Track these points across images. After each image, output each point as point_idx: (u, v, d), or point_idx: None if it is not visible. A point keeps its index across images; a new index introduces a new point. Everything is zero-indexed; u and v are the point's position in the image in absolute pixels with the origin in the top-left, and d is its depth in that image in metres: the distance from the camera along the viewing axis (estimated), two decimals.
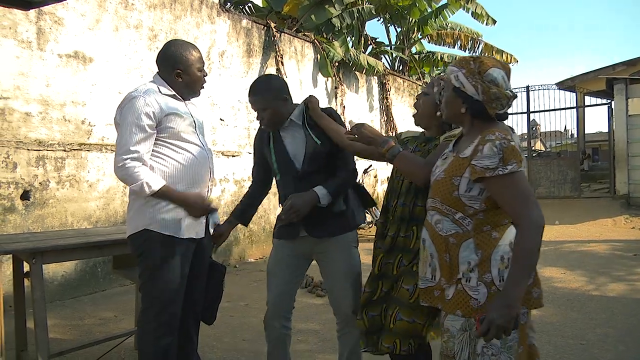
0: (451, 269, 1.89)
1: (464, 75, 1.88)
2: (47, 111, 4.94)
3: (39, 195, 4.87)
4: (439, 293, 1.95)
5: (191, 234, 2.47)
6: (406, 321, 2.15)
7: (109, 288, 5.47)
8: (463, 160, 1.86)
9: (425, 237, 2.00)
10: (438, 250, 1.93)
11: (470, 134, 1.92)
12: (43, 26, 4.90)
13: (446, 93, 1.96)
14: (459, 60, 1.95)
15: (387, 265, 2.33)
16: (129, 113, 2.34)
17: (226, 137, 7.03)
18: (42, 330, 2.78)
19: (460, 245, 1.87)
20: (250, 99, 2.62)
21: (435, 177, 1.97)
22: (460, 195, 1.86)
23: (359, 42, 12.98)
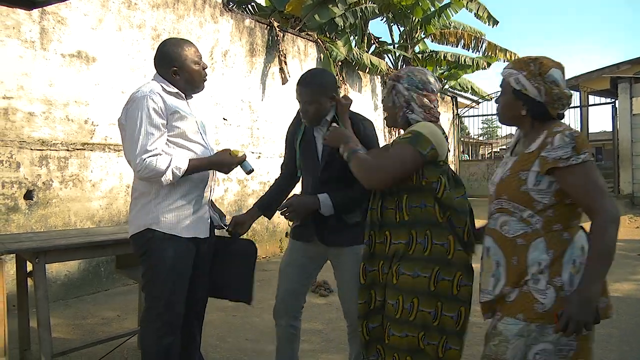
0: (519, 273, 1.79)
1: (525, 78, 1.85)
2: (50, 111, 4.95)
3: (42, 194, 4.88)
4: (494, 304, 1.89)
5: (195, 233, 2.46)
6: (398, 336, 2.07)
7: (112, 287, 5.47)
8: (529, 154, 1.82)
9: (489, 245, 1.91)
10: (505, 254, 1.84)
11: (530, 135, 1.89)
12: (46, 26, 4.91)
13: (504, 96, 1.93)
14: (517, 63, 1.91)
15: (371, 273, 2.24)
16: (137, 112, 2.31)
17: (229, 136, 7.03)
18: (45, 330, 2.79)
19: (530, 246, 1.79)
20: (298, 89, 2.54)
21: (498, 179, 1.93)
22: (529, 190, 1.79)
23: (362, 42, 12.96)
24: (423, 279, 2.05)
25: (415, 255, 2.08)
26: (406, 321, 2.05)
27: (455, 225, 2.10)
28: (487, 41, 14.25)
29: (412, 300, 2.05)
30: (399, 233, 2.14)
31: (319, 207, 2.49)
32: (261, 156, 7.62)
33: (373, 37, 14.49)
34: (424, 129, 2.12)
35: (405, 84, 2.22)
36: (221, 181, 6.83)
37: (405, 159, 2.08)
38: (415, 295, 2.05)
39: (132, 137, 2.31)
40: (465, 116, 17.38)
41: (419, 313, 2.04)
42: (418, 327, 2.05)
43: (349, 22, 10.35)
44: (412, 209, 2.12)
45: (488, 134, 45.12)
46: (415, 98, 2.21)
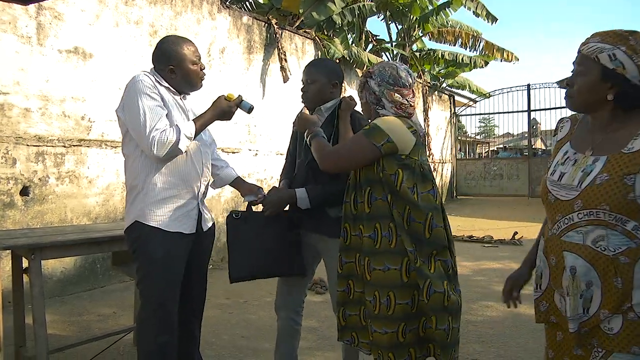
0: (622, 296, 1.48)
1: (624, 54, 1.49)
2: (46, 107, 4.93)
3: (38, 191, 4.86)
4: (588, 332, 1.55)
5: (180, 228, 2.42)
6: (379, 333, 2.07)
7: (108, 284, 5.47)
8: (632, 154, 1.48)
9: (574, 265, 1.54)
10: (603, 275, 1.50)
11: (612, 125, 1.58)
12: (43, 21, 4.89)
13: (587, 76, 1.56)
14: (608, 35, 1.54)
15: (347, 264, 2.24)
16: (136, 96, 2.30)
17: (226, 133, 7.02)
18: (41, 326, 2.78)
19: (636, 264, 1.48)
20: (305, 69, 2.68)
21: (586, 183, 1.54)
22: (637, 198, 1.46)
23: (359, 39, 12.96)
24: (394, 271, 2.05)
25: (382, 249, 2.08)
26: (385, 316, 2.05)
27: (415, 219, 2.07)
28: (485, 40, 14.28)
29: (388, 294, 2.04)
30: (368, 226, 2.13)
31: (296, 200, 2.54)
32: (258, 153, 7.61)
33: (371, 35, 14.51)
34: (382, 122, 2.12)
35: (377, 80, 2.22)
36: None
37: (356, 148, 2.13)
38: (390, 289, 2.04)
39: (137, 122, 2.28)
40: (462, 115, 17.40)
41: (397, 306, 2.03)
42: (398, 320, 2.04)
43: (347, 20, 10.36)
44: (375, 201, 2.12)
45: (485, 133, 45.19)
46: (386, 94, 2.20)
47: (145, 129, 2.26)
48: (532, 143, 16.22)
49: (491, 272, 6.21)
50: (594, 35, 1.59)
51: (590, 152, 1.59)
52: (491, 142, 35.86)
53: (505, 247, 8.12)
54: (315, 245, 2.67)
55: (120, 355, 3.50)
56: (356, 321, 2.24)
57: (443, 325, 2.04)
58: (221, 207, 6.85)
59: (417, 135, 2.17)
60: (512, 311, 4.40)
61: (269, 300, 4.70)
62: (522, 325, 4.10)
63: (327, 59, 2.82)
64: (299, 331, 2.80)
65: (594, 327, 1.53)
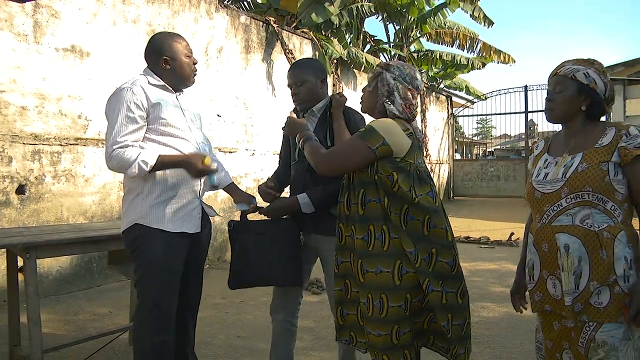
0: (607, 268, 1.76)
1: (595, 72, 1.89)
2: (43, 105, 4.92)
3: (34, 189, 4.85)
4: (581, 307, 1.79)
5: (183, 228, 2.44)
6: (373, 335, 2.08)
7: (104, 283, 5.46)
8: (605, 147, 1.84)
9: (567, 243, 1.82)
10: (590, 249, 1.78)
11: (582, 132, 1.93)
12: (40, 19, 4.88)
13: (565, 92, 1.92)
14: (578, 61, 1.95)
15: (343, 264, 2.25)
16: (116, 105, 2.34)
17: (223, 133, 7.01)
18: (36, 326, 2.77)
19: (615, 239, 1.78)
20: (290, 72, 2.64)
21: (570, 174, 1.87)
22: (611, 180, 1.81)
23: (357, 40, 12.96)
24: (386, 274, 2.04)
25: (375, 251, 2.07)
26: (378, 319, 2.05)
27: (414, 217, 2.07)
28: (482, 42, 14.30)
29: (381, 297, 2.04)
30: (361, 228, 2.13)
31: (299, 207, 2.53)
32: (255, 153, 7.61)
33: (369, 36, 14.51)
34: (378, 125, 2.11)
35: (395, 74, 2.21)
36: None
37: (351, 151, 2.11)
38: (383, 291, 2.04)
39: (108, 128, 2.35)
40: (460, 116, 17.42)
41: (390, 309, 2.03)
42: (391, 322, 2.04)
43: (345, 21, 10.36)
44: (369, 203, 2.11)
45: (483, 134, 45.27)
46: (400, 89, 2.19)
47: (110, 137, 2.31)
48: (529, 144, 16.24)
49: (487, 273, 6.21)
50: (566, 62, 1.98)
51: (567, 153, 1.94)
52: (488, 144, 35.91)
53: (501, 248, 8.13)
54: (315, 245, 2.65)
55: (115, 355, 3.49)
56: (354, 320, 2.24)
57: (443, 322, 2.05)
58: (218, 207, 6.83)
59: (414, 138, 2.16)
60: (508, 312, 4.43)
61: (265, 300, 4.69)
62: (518, 326, 4.10)
63: (309, 58, 2.81)
64: (295, 332, 2.79)
65: (586, 303, 1.78)
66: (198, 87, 2.69)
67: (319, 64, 2.73)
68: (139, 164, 2.28)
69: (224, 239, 6.92)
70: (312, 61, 2.74)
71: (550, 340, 1.94)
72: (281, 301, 2.71)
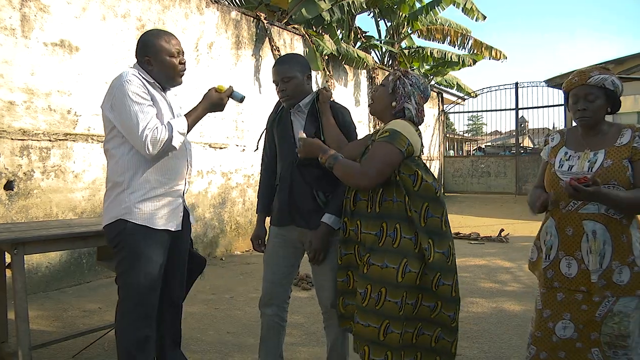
0: (627, 249, 2.10)
1: (617, 79, 2.19)
2: (31, 100, 4.88)
3: (23, 185, 4.81)
4: (604, 283, 2.11)
5: (167, 225, 2.45)
6: (361, 324, 2.15)
7: (94, 280, 5.44)
8: (623, 147, 2.15)
9: (594, 229, 2.12)
10: (614, 234, 2.11)
11: (599, 131, 2.24)
12: (27, 13, 4.83)
13: (598, 100, 2.19)
14: (600, 69, 2.23)
15: (347, 256, 2.36)
16: (125, 97, 2.30)
17: (213, 129, 6.99)
18: (23, 322, 2.76)
19: (631, 225, 2.13)
20: (275, 68, 2.66)
21: (597, 168, 2.15)
22: (630, 175, 2.11)
23: (348, 36, 12.95)
24: (391, 270, 2.12)
25: (385, 247, 2.16)
26: (372, 310, 2.12)
27: (433, 214, 2.20)
28: (473, 38, 14.31)
29: (380, 290, 2.12)
30: (368, 224, 2.24)
31: (332, 228, 2.53)
32: (246, 149, 7.59)
33: (360, 32, 14.49)
34: (399, 127, 2.21)
35: (412, 80, 2.33)
36: (205, 174, 6.79)
37: (387, 158, 2.16)
38: (384, 285, 2.12)
39: (129, 122, 2.29)
40: (451, 112, 17.47)
41: (387, 303, 2.11)
42: (383, 317, 2.11)
43: (336, 17, 10.33)
44: (385, 202, 2.21)
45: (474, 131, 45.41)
46: (416, 95, 2.32)
47: (137, 128, 2.27)
48: (519, 141, 16.32)
49: (477, 269, 6.24)
50: (590, 71, 2.21)
51: (589, 150, 2.22)
52: (479, 140, 36.04)
53: (491, 244, 8.18)
54: (301, 239, 2.68)
55: (104, 351, 3.48)
56: (354, 310, 2.30)
57: (450, 312, 2.19)
58: (208, 203, 6.82)
59: (421, 137, 2.33)
60: (497, 307, 4.46)
61: (254, 296, 4.70)
62: (507, 322, 4.13)
63: (294, 54, 2.82)
64: (284, 327, 2.81)
65: (609, 280, 2.10)
66: (188, 83, 2.68)
67: (304, 60, 2.75)
68: (178, 134, 2.34)
69: (214, 234, 6.91)
70: (298, 57, 2.75)
71: (550, 309, 2.25)
72: (270, 295, 2.73)
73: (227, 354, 3.52)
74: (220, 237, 7.10)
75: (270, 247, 2.78)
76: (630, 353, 2.09)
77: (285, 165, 2.68)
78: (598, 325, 2.13)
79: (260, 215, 2.92)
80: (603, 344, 2.13)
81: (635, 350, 2.10)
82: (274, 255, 2.75)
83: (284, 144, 2.70)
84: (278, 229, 2.75)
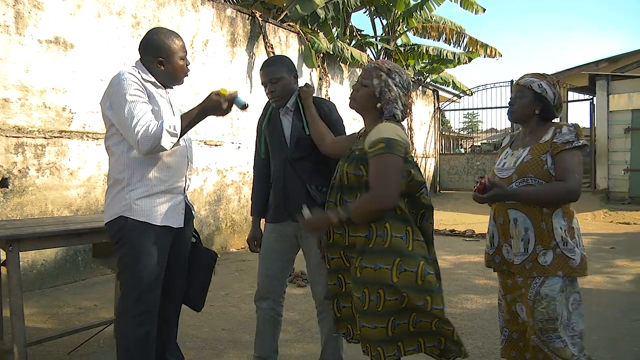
0: (548, 235, 2.29)
1: (547, 84, 2.40)
2: (26, 97, 4.87)
3: (18, 182, 4.81)
4: (531, 265, 2.31)
5: (168, 222, 2.46)
6: (368, 327, 2.09)
7: (90, 277, 5.44)
8: (545, 143, 2.34)
9: (516, 217, 2.35)
10: (534, 221, 2.31)
11: (535, 131, 2.43)
12: (21, 10, 4.82)
13: (524, 99, 2.43)
14: (534, 74, 2.46)
15: (334, 260, 2.29)
16: (122, 93, 2.30)
17: (209, 126, 6.99)
18: (19, 319, 2.76)
19: (552, 214, 2.30)
20: (263, 70, 2.72)
21: (518, 163, 2.37)
22: (548, 168, 2.29)
23: (344, 34, 12.95)
24: (385, 270, 2.06)
25: (376, 248, 2.09)
26: (374, 312, 2.06)
27: (428, 219, 2.26)
28: (469, 36, 14.32)
29: (378, 291, 2.06)
30: (357, 226, 2.14)
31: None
32: (241, 146, 7.60)
33: (355, 30, 14.50)
34: (390, 132, 2.12)
35: (396, 80, 2.24)
36: (200, 171, 6.80)
37: (394, 170, 2.08)
38: (380, 286, 2.06)
39: (123, 120, 2.29)
40: (446, 110, 17.50)
41: (387, 302, 2.05)
42: (387, 315, 2.06)
43: (331, 14, 10.34)
44: None
45: (470, 128, 45.49)
46: (401, 96, 2.25)
47: (131, 124, 2.26)
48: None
49: (472, 266, 6.28)
50: (525, 74, 2.50)
51: (522, 147, 2.44)
52: (475, 138, 36.12)
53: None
54: (296, 233, 2.74)
55: (100, 348, 3.49)
56: (349, 313, 2.29)
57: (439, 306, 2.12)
58: (204, 200, 6.83)
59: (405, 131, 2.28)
60: (492, 304, 4.49)
61: (249, 293, 4.71)
62: None
63: (280, 56, 2.92)
64: (280, 322, 2.84)
65: (534, 262, 2.31)
66: (184, 80, 2.69)
67: (290, 61, 2.82)
68: (167, 132, 2.28)
69: (209, 231, 6.92)
70: (284, 58, 2.82)
71: (509, 294, 2.48)
72: (266, 289, 2.77)
73: (222, 350, 3.54)
74: (216, 234, 7.10)
75: (266, 243, 2.81)
76: (562, 333, 2.26)
77: (278, 163, 2.74)
78: (532, 310, 2.30)
79: (255, 218, 2.96)
80: (537, 331, 2.29)
81: (565, 331, 2.26)
82: (269, 250, 2.79)
83: (275, 143, 2.76)
84: (274, 225, 2.79)
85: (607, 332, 3.87)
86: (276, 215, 2.77)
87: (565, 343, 2.26)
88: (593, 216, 10.98)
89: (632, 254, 7.00)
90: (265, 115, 2.88)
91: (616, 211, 11.44)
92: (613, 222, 10.42)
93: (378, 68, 2.27)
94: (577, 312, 2.32)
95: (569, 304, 2.29)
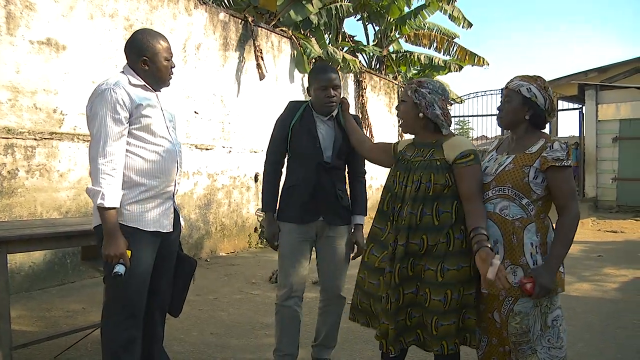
0: (517, 250, 2.19)
1: (536, 88, 2.28)
2: (17, 98, 4.85)
3: (7, 184, 4.78)
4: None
5: (157, 227, 2.46)
6: (446, 325, 2.26)
7: (78, 280, 5.40)
8: (531, 154, 2.24)
9: (488, 226, 2.24)
10: (504, 233, 2.23)
11: (524, 138, 2.33)
12: (13, 10, 4.80)
13: (511, 103, 2.32)
14: (524, 77, 2.34)
15: (402, 269, 2.32)
16: (100, 107, 2.29)
17: (200, 130, 6.98)
18: (5, 322, 2.74)
19: (525, 228, 2.20)
20: (329, 75, 2.87)
21: (498, 170, 2.30)
22: (529, 181, 2.21)
23: (336, 40, 13.00)
24: (466, 269, 2.28)
25: (456, 250, 2.29)
26: (454, 309, 2.27)
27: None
28: (458, 45, 14.50)
29: (459, 290, 2.27)
30: (440, 234, 2.30)
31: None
32: (232, 150, 7.60)
33: (348, 36, 14.55)
34: (468, 143, 2.39)
35: (429, 88, 2.39)
36: (191, 175, 6.79)
37: (480, 181, 2.34)
38: (462, 285, 2.28)
39: (94, 130, 2.30)
40: None
41: (465, 296, 2.29)
42: (462, 308, 2.30)
43: (324, 20, 10.38)
44: (442, 214, 2.31)
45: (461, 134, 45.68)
46: (437, 101, 2.39)
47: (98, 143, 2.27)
48: None
49: None
50: (515, 77, 2.38)
51: (506, 154, 2.35)
52: None
53: None
54: (316, 233, 2.93)
55: (87, 352, 3.46)
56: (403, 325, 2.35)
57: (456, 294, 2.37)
58: (194, 204, 6.82)
59: None
60: None
61: (238, 298, 4.72)
62: None
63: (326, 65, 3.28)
64: (302, 315, 2.99)
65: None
66: (175, 84, 2.69)
67: None
68: (100, 192, 2.24)
69: (199, 235, 6.90)
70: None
71: (483, 303, 2.35)
72: (296, 289, 2.90)
73: (210, 354, 3.53)
74: (206, 238, 7.09)
75: (290, 244, 2.92)
76: (533, 344, 2.22)
77: (311, 166, 2.87)
78: (505, 325, 2.25)
79: (271, 215, 3.02)
80: (511, 343, 2.26)
81: (538, 341, 2.22)
82: (296, 251, 2.91)
83: (308, 146, 2.88)
84: (298, 227, 2.91)
85: (593, 339, 3.90)
86: (304, 217, 2.89)
87: (534, 351, 2.21)
88: (581, 224, 10.97)
89: (619, 262, 7.07)
90: (294, 115, 2.95)
91: (604, 219, 11.55)
92: (601, 230, 10.51)
93: (410, 84, 2.46)
94: (560, 329, 2.23)
95: (547, 321, 2.21)
